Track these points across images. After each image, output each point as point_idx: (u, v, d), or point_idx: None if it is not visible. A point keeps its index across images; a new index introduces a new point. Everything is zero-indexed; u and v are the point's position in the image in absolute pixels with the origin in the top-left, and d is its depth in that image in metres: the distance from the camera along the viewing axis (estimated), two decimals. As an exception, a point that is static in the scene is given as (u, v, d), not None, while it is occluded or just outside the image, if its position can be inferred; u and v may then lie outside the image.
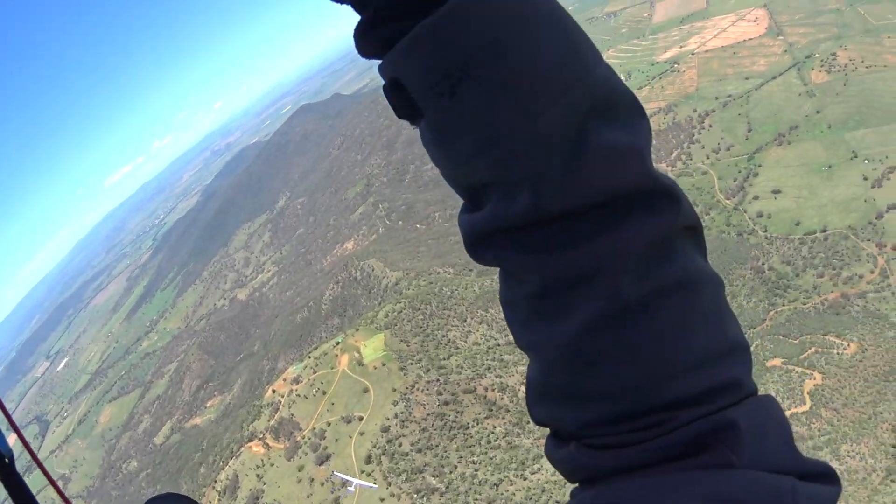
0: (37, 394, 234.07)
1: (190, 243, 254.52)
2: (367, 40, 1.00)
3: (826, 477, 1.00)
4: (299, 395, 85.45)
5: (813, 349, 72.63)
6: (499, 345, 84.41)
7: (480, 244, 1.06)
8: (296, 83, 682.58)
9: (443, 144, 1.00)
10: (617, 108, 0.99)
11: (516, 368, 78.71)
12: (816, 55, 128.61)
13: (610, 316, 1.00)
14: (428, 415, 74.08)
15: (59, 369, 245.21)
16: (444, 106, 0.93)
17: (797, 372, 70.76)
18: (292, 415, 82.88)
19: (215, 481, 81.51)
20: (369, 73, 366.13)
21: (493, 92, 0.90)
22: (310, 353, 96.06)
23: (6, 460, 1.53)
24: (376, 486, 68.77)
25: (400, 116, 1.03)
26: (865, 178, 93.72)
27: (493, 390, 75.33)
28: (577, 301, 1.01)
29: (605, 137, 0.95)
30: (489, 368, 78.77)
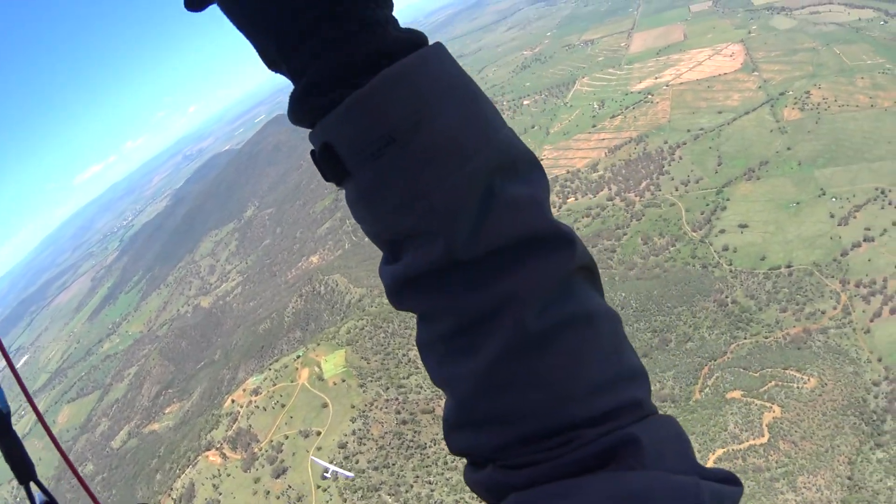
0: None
1: (157, 247, 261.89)
2: (301, 109, 1.29)
3: (728, 480, 1.20)
4: (258, 407, 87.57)
5: (773, 382, 75.82)
6: None
7: (400, 291, 1.31)
8: (271, 92, 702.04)
9: (370, 202, 1.24)
10: (517, 165, 1.27)
11: None
12: (790, 92, 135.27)
13: (517, 347, 1.21)
14: (386, 433, 76.48)
15: (18, 366, 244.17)
16: (372, 167, 1.19)
17: (756, 404, 73.65)
18: (250, 426, 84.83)
19: (171, 489, 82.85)
20: None
21: (414, 155, 1.16)
22: (270, 364, 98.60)
23: (3, 413, 1.79)
24: (352, 474, 71.12)
25: (328, 179, 1.29)
26: (832, 216, 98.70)
27: None
28: (487, 336, 1.23)
29: (509, 192, 1.22)
30: None
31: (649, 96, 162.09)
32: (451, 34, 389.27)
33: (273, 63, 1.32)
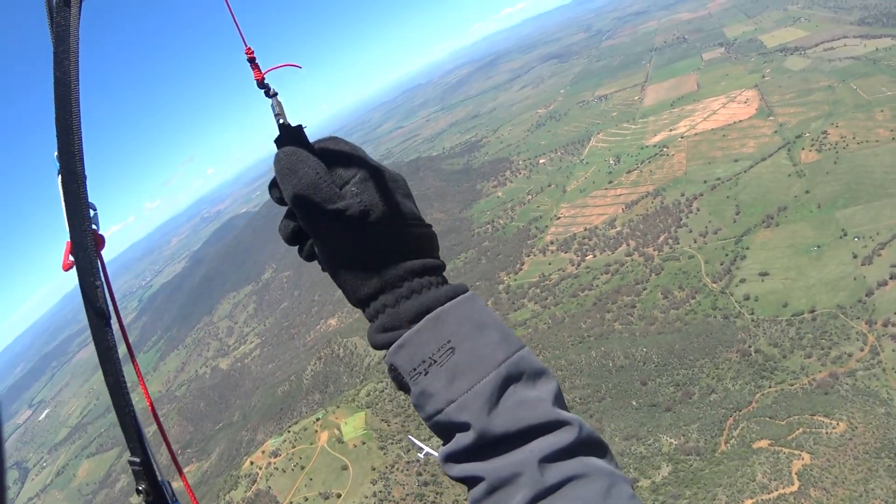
0: (18, 440, 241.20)
1: (175, 308, 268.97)
2: (374, 341, 2.06)
3: None
4: (277, 469, 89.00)
5: (801, 430, 75.25)
6: None
7: (450, 463, 1.94)
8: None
9: (422, 405, 1.93)
10: (525, 376, 1.93)
11: None
12: (807, 134, 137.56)
13: (536, 497, 1.77)
14: (407, 495, 77.60)
15: (40, 419, 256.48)
16: (422, 381, 1.90)
17: (785, 453, 72.96)
18: (269, 488, 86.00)
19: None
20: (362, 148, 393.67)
21: (450, 371, 1.87)
22: (289, 427, 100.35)
23: None
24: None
25: (399, 389, 2.04)
26: (855, 256, 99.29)
27: None
28: (512, 492, 1.80)
29: (519, 394, 1.88)
30: None
31: (665, 149, 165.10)
32: (466, 94, 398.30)
33: (357, 307, 2.12)
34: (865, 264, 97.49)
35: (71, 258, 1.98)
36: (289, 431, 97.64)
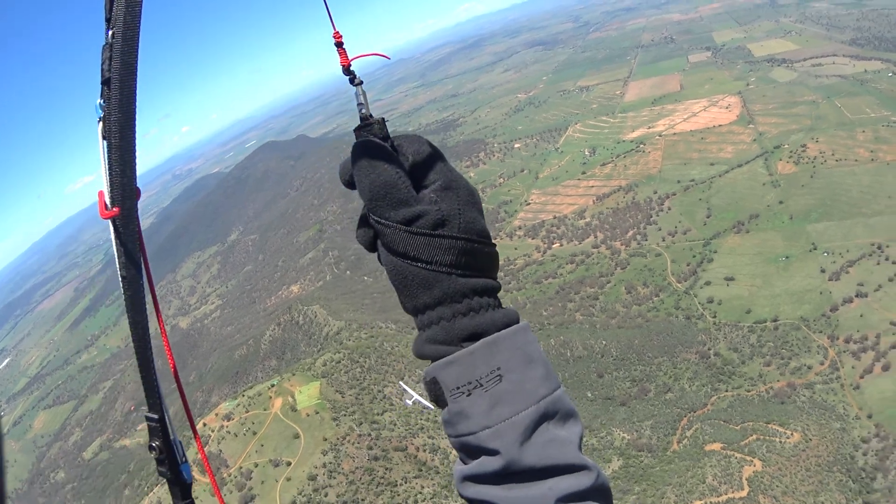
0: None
1: None
2: (422, 351, 2.10)
3: None
4: (229, 432, 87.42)
5: (754, 436, 75.92)
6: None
7: (468, 483, 2.03)
8: (264, 118, 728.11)
9: (457, 424, 1.99)
10: (559, 415, 2.01)
11: None
12: (786, 146, 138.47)
13: None
14: (357, 468, 76.61)
15: (0, 367, 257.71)
16: (464, 402, 1.96)
17: (737, 458, 73.50)
18: (221, 451, 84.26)
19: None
20: (336, 119, 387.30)
21: (492, 397, 1.93)
22: (244, 391, 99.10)
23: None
24: (433, 407, 71.42)
25: (433, 400, 2.10)
26: (823, 271, 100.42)
27: (424, 451, 78.83)
28: None
29: (551, 432, 1.96)
30: (422, 428, 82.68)
31: (641, 146, 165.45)
32: (446, 72, 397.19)
33: (408, 312, 2.13)
34: (833, 280, 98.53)
35: (113, 207, 1.93)
36: (243, 396, 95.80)
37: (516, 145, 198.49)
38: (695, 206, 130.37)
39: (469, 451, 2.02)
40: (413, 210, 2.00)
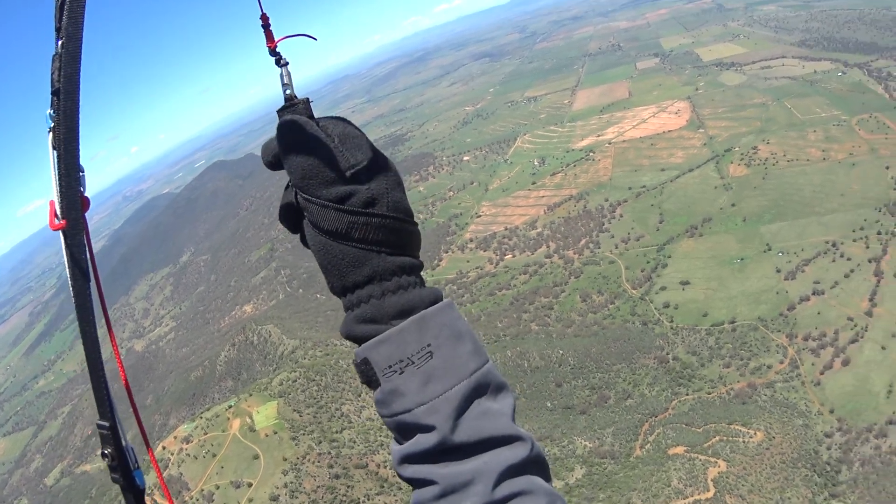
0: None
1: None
2: (351, 331, 2.17)
3: None
4: (189, 455, 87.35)
5: (717, 437, 76.68)
6: None
7: (405, 464, 2.08)
8: (212, 138, 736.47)
9: (390, 402, 2.04)
10: (490, 389, 2.10)
11: None
12: (737, 148, 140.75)
13: None
14: (318, 487, 76.94)
15: None
16: (396, 379, 2.02)
17: (701, 460, 74.25)
18: (181, 474, 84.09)
19: (101, 532, 79.61)
20: None
21: (425, 374, 2.00)
22: (202, 413, 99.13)
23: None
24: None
25: (364, 383, 2.13)
26: (778, 271, 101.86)
27: (385, 467, 79.25)
28: (462, 499, 1.98)
29: (483, 406, 2.05)
30: (382, 445, 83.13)
31: (591, 154, 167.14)
32: (393, 87, 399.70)
33: (333, 291, 2.18)
34: (788, 279, 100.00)
35: (63, 219, 1.99)
36: (201, 417, 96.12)
37: (465, 158, 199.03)
38: (647, 213, 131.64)
39: (404, 430, 2.08)
40: (344, 189, 2.05)
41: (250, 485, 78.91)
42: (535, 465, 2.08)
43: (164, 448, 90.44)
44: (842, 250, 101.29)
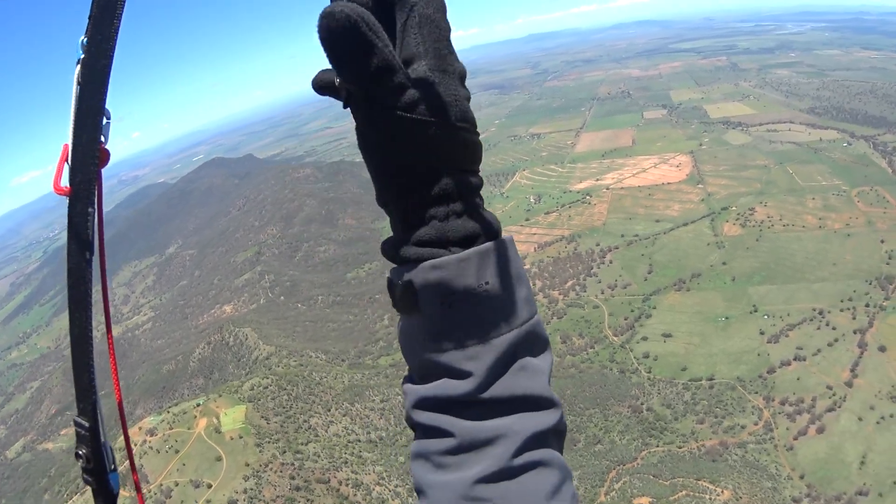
0: None
1: None
2: (396, 252, 1.86)
3: None
4: (152, 448, 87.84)
5: (684, 492, 77.14)
6: (359, 440, 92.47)
7: (423, 407, 1.84)
8: (213, 134, 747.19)
9: (427, 335, 1.80)
10: (535, 343, 1.86)
11: (373, 468, 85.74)
12: (734, 208, 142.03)
13: (497, 474, 1.72)
14: (278, 496, 77.31)
15: None
16: (441, 312, 1.75)
17: (666, 512, 74.96)
18: (142, 465, 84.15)
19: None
20: (285, 143, 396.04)
21: (475, 313, 1.73)
22: (169, 407, 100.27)
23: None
24: None
25: (397, 306, 1.87)
26: (762, 333, 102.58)
27: (347, 485, 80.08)
28: (477, 459, 1.74)
29: (525, 360, 1.80)
30: (346, 462, 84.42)
31: (588, 197, 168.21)
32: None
33: (384, 204, 1.87)
34: (771, 342, 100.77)
35: (67, 184, 1.75)
36: (168, 412, 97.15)
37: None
38: (637, 261, 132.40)
39: (430, 370, 1.84)
40: (412, 95, 1.69)
41: (210, 486, 79.33)
42: (557, 435, 1.90)
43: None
44: (828, 319, 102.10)
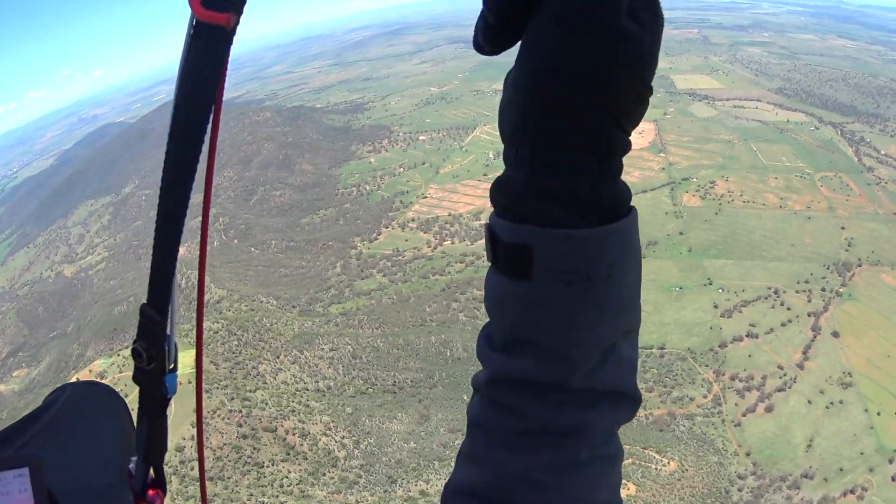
0: None
1: (34, 204, 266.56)
2: (529, 205, 1.40)
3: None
4: None
5: (630, 460, 75.75)
6: (307, 389, 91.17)
7: (504, 382, 1.55)
8: (176, 74, 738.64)
9: (534, 309, 1.46)
10: (634, 332, 1.58)
11: (320, 417, 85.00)
12: (694, 179, 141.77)
13: (566, 465, 1.52)
14: (224, 444, 76.74)
15: None
16: (560, 288, 1.41)
17: (609, 479, 75.75)
18: None
19: (6, 455, 79.67)
20: (246, 85, 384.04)
21: (595, 298, 1.42)
22: (119, 350, 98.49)
23: (165, 398, 1.99)
24: None
25: (501, 268, 1.49)
26: (716, 307, 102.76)
27: (293, 434, 79.58)
28: (549, 446, 1.52)
29: (623, 352, 1.53)
30: (293, 411, 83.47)
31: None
32: (363, 55, 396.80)
33: (522, 128, 1.41)
34: (725, 316, 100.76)
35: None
36: (118, 355, 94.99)
37: (421, 138, 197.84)
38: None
39: (519, 345, 1.54)
40: (627, 26, 1.29)
41: (156, 431, 77.80)
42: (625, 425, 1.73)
43: (77, 379, 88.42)
44: (783, 299, 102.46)
